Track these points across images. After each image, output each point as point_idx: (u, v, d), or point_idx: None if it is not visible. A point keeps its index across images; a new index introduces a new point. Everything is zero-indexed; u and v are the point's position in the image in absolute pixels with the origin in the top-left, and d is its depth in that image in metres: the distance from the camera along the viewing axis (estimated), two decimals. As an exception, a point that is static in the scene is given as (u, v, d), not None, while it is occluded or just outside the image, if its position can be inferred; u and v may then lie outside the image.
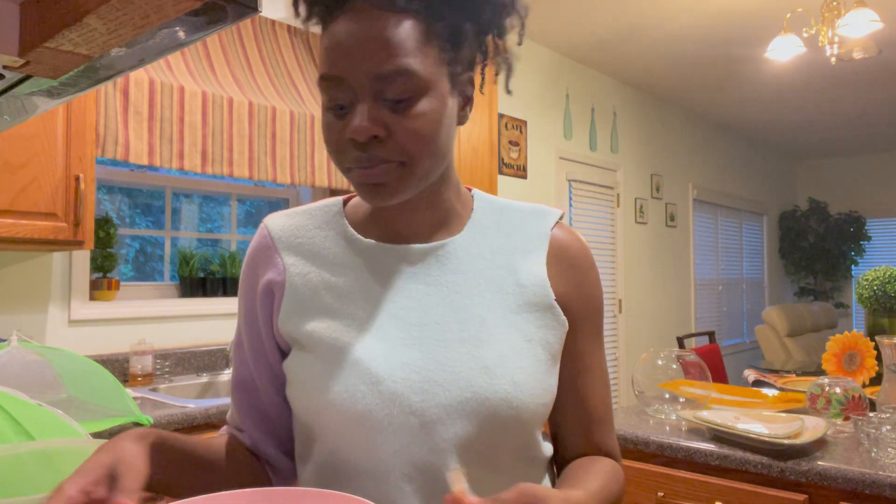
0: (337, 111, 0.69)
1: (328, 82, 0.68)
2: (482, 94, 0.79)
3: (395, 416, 0.68)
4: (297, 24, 3.26)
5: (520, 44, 0.76)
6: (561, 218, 0.83)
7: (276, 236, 0.78)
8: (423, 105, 0.67)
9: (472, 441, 0.69)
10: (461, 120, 0.74)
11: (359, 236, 0.77)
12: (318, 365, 0.71)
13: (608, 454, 0.82)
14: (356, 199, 0.82)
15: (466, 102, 0.74)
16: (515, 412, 0.70)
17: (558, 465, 0.83)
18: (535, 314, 0.75)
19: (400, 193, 0.70)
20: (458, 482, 0.61)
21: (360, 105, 0.66)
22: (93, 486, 0.56)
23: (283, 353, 0.79)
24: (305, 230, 0.79)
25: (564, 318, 0.78)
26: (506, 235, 0.79)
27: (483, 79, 0.77)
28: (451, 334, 0.72)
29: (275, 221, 0.80)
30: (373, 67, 0.65)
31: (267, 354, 0.78)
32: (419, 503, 0.68)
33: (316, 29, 0.72)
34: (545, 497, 0.57)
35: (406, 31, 0.66)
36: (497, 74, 0.77)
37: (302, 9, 0.70)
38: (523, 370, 0.71)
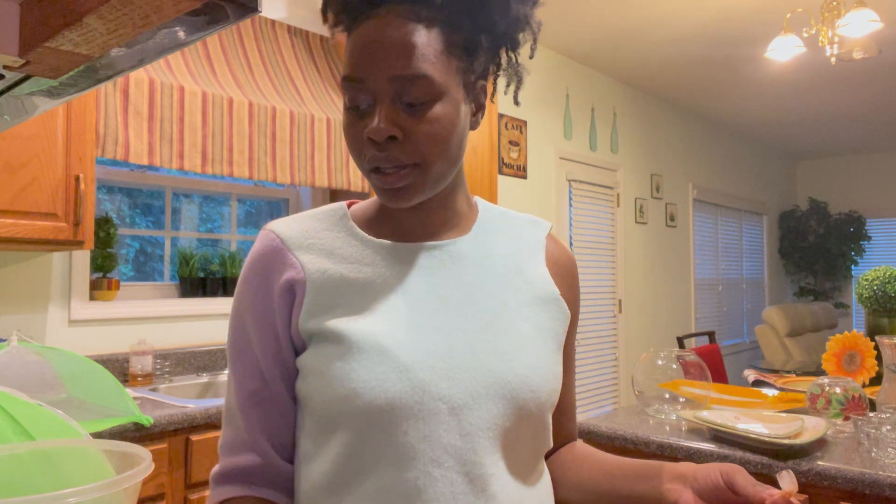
0: (357, 112, 0.73)
1: (350, 83, 0.72)
2: (493, 102, 0.81)
3: (425, 402, 0.70)
4: (297, 24, 3.26)
5: (531, 57, 0.82)
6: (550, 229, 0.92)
7: (285, 238, 0.78)
8: (438, 110, 0.72)
9: (497, 424, 0.73)
10: (473, 125, 0.79)
11: (370, 236, 0.79)
12: (343, 355, 0.72)
13: (574, 439, 0.94)
14: (361, 204, 0.85)
15: (479, 109, 0.79)
16: (534, 395, 0.75)
17: None
18: (542, 307, 0.81)
19: (418, 196, 0.74)
20: (791, 483, 0.65)
21: (379, 106, 0.71)
22: None
23: (295, 353, 0.78)
24: (315, 232, 0.79)
25: (568, 311, 0.84)
26: (508, 239, 0.85)
27: (494, 88, 0.82)
28: (469, 323, 0.76)
29: (280, 226, 0.79)
30: (393, 70, 0.70)
31: (283, 354, 0.77)
32: (447, 487, 0.70)
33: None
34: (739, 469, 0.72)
35: (426, 39, 0.71)
36: (507, 86, 0.81)
37: (330, 16, 0.75)
38: (537, 356, 0.77)
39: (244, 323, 0.78)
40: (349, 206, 0.85)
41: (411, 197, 0.74)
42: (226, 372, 2.68)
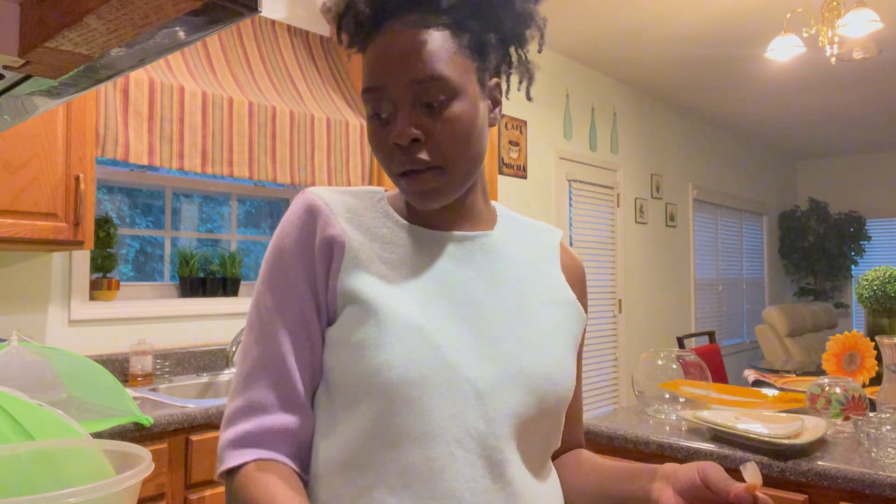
0: (380, 120, 0.76)
1: (371, 93, 0.75)
2: (508, 98, 0.84)
3: (454, 381, 0.72)
4: (297, 24, 3.26)
5: (539, 51, 0.85)
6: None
7: (328, 202, 0.79)
8: (456, 108, 0.75)
9: (518, 413, 0.75)
10: (491, 122, 0.82)
11: (405, 221, 0.82)
12: (377, 326, 0.73)
13: (581, 445, 0.96)
14: (393, 192, 0.87)
15: (496, 105, 0.82)
16: (555, 388, 0.77)
17: None
18: (561, 308, 0.84)
19: (445, 198, 0.77)
20: (755, 476, 0.66)
21: (401, 112, 0.74)
22: None
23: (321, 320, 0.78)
24: (354, 207, 0.81)
25: (584, 314, 0.87)
26: (526, 242, 0.88)
27: (508, 86, 0.85)
28: (495, 315, 0.78)
29: (322, 192, 0.80)
30: (410, 75, 0.73)
31: (321, 311, 0.77)
32: (467, 468, 0.71)
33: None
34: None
35: (437, 42, 0.74)
36: (520, 82, 0.84)
37: (344, 37, 0.79)
38: (557, 352, 0.80)
39: (288, 274, 0.76)
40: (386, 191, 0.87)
41: (439, 199, 0.77)
42: (226, 372, 2.68)
